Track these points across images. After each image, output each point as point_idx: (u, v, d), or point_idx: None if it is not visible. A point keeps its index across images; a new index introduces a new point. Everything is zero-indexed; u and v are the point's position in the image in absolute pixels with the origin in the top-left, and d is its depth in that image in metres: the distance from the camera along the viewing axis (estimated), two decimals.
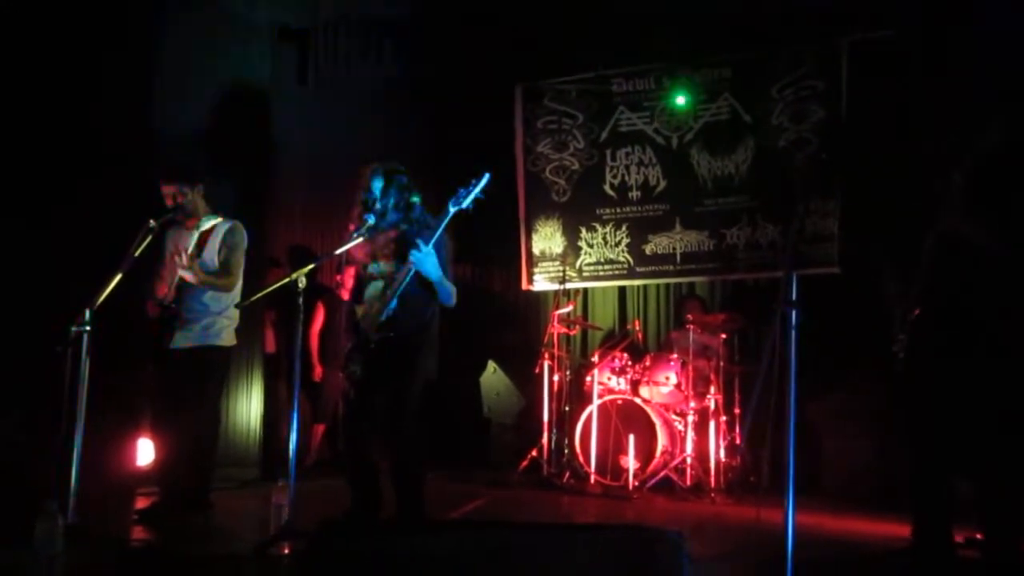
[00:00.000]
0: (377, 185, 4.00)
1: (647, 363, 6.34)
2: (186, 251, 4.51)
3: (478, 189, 3.82)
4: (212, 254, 4.63)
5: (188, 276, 4.48)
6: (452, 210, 3.81)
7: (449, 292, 3.95)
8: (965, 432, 3.71)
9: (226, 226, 4.68)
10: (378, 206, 3.98)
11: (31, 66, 5.51)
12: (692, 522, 4.89)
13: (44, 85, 5.51)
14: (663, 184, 7.29)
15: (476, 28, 7.11)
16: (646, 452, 5.89)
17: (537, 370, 6.61)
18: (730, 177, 7.02)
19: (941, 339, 3.68)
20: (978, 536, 3.94)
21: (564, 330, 6.79)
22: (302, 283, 3.85)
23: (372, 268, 4.05)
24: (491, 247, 7.75)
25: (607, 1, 6.82)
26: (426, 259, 3.77)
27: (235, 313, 4.69)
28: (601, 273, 7.50)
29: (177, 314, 4.56)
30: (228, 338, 4.72)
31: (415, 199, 4.04)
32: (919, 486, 3.86)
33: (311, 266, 3.90)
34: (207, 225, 4.67)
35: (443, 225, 3.83)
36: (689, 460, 5.92)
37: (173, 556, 3.87)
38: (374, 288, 4.01)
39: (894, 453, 4.48)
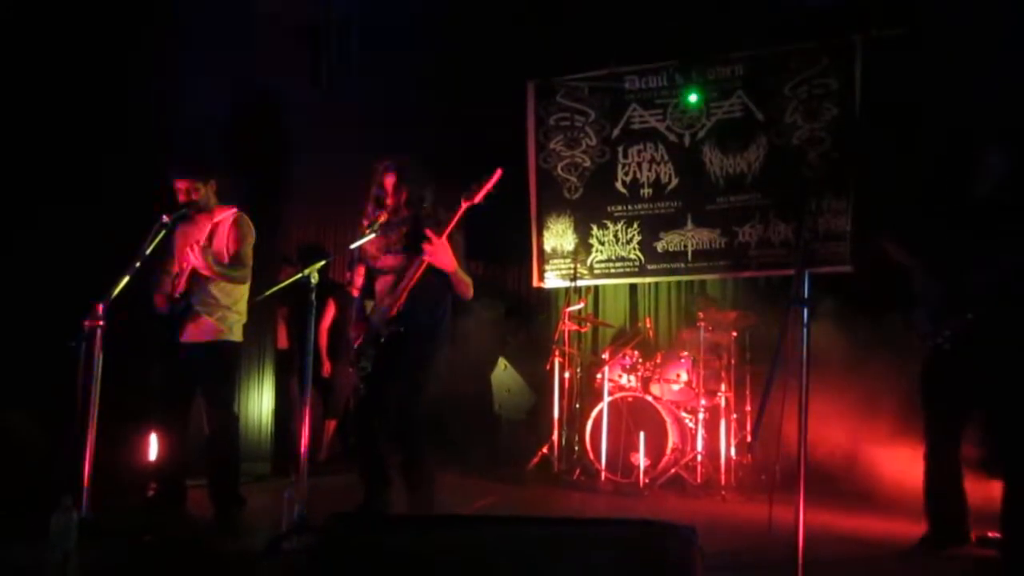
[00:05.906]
0: (389, 181, 4.01)
1: (658, 360, 6.34)
2: (198, 243, 4.51)
3: (490, 185, 3.83)
4: (221, 246, 4.62)
5: (202, 267, 4.47)
6: (464, 205, 3.83)
7: (467, 285, 3.97)
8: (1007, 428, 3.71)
9: (232, 218, 4.67)
10: (390, 202, 3.99)
11: (52, 64, 5.55)
12: (703, 519, 4.87)
13: (63, 83, 5.55)
14: (675, 181, 7.27)
15: (488, 25, 7.11)
16: (657, 449, 5.89)
17: (548, 367, 6.62)
18: (742, 175, 7.00)
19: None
20: (989, 534, 3.94)
21: (575, 327, 6.80)
22: (314, 279, 3.87)
23: (383, 263, 4.06)
24: (502, 244, 7.73)
25: None
26: (440, 251, 3.78)
27: (244, 308, 4.71)
28: (612, 270, 7.50)
29: (188, 308, 4.57)
30: (238, 333, 4.72)
31: (427, 195, 4.05)
32: (936, 480, 3.87)
33: (323, 262, 3.92)
34: (218, 218, 4.68)
35: (454, 220, 3.85)
36: (700, 458, 5.92)
37: (187, 551, 3.90)
38: (385, 283, 4.02)
39: (909, 450, 4.45)
